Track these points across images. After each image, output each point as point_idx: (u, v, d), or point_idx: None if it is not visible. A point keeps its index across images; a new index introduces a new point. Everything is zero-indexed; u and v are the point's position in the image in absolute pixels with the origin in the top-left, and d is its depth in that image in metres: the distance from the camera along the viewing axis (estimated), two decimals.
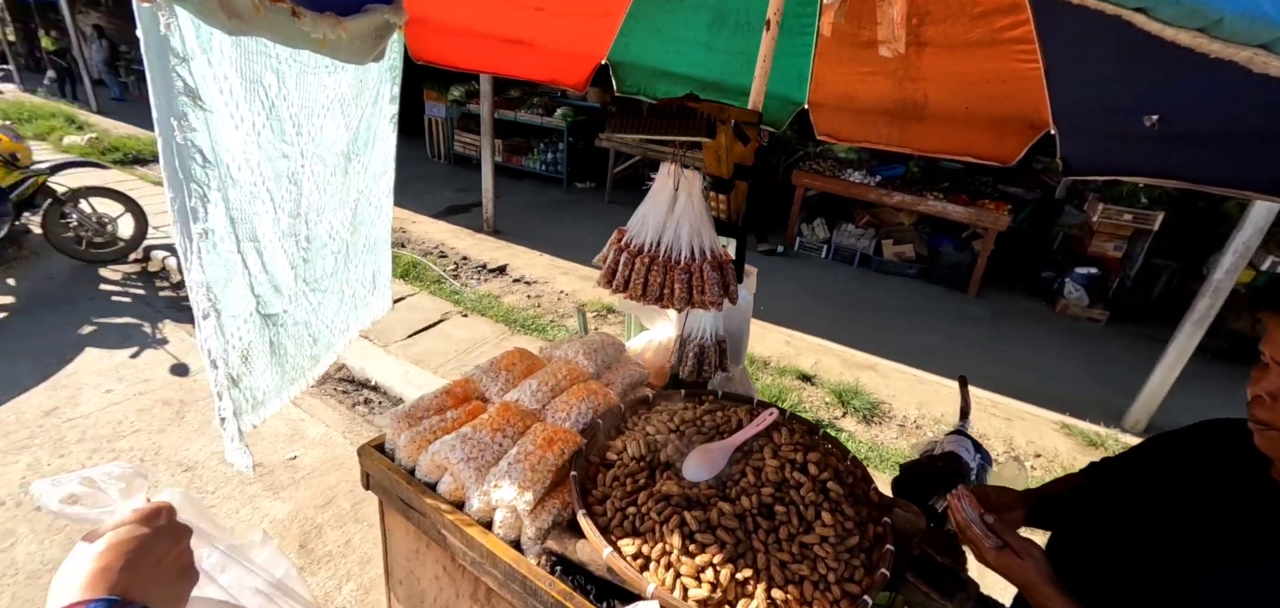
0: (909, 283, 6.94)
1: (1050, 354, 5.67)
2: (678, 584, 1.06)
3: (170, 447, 3.34)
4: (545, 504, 1.23)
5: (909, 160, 7.19)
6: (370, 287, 2.24)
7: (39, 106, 11.21)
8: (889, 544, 1.22)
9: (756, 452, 1.31)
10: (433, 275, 5.43)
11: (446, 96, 9.39)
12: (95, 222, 5.05)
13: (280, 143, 1.58)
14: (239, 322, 1.55)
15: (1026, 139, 2.23)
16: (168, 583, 0.63)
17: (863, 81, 2.46)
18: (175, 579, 0.64)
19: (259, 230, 1.58)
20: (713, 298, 1.33)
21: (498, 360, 1.65)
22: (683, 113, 1.17)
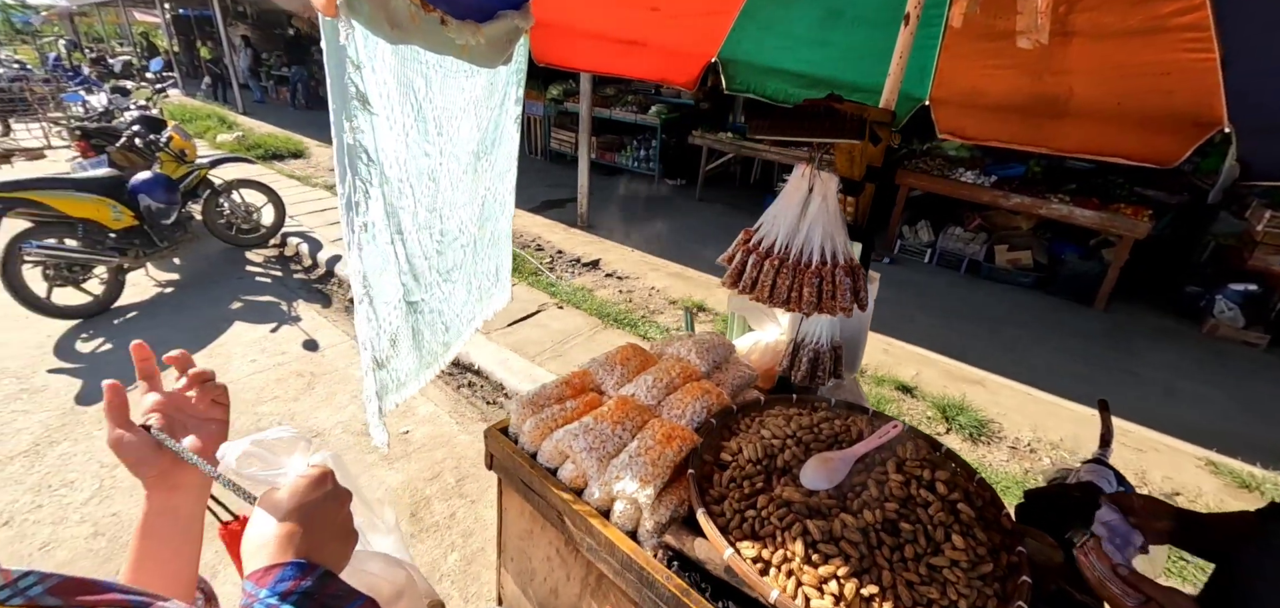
0: (1023, 293, 6.39)
1: (1194, 380, 5.04)
2: (800, 593, 1.05)
3: (302, 414, 3.70)
4: (663, 499, 1.26)
5: (1030, 159, 6.62)
6: (494, 279, 2.36)
7: (197, 108, 12.78)
8: (1025, 577, 1.14)
9: (879, 465, 1.26)
10: (530, 268, 5.66)
11: (545, 95, 9.74)
12: (243, 210, 5.68)
13: (423, 142, 1.70)
14: (390, 308, 1.68)
15: (1192, 138, 1.99)
16: (340, 544, 0.67)
17: (993, 76, 2.30)
18: (344, 540, 0.68)
19: (404, 225, 1.71)
20: (844, 303, 1.30)
21: (613, 354, 1.69)
22: (830, 114, 1.15)
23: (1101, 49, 2.00)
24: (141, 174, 4.70)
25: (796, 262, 1.31)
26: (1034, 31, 2.05)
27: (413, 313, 1.89)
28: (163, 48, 18.98)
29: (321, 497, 0.66)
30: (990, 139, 2.46)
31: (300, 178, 8.29)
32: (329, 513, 0.66)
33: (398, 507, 3.14)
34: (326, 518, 0.65)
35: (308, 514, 0.64)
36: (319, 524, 0.64)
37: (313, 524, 0.63)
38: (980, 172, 6.55)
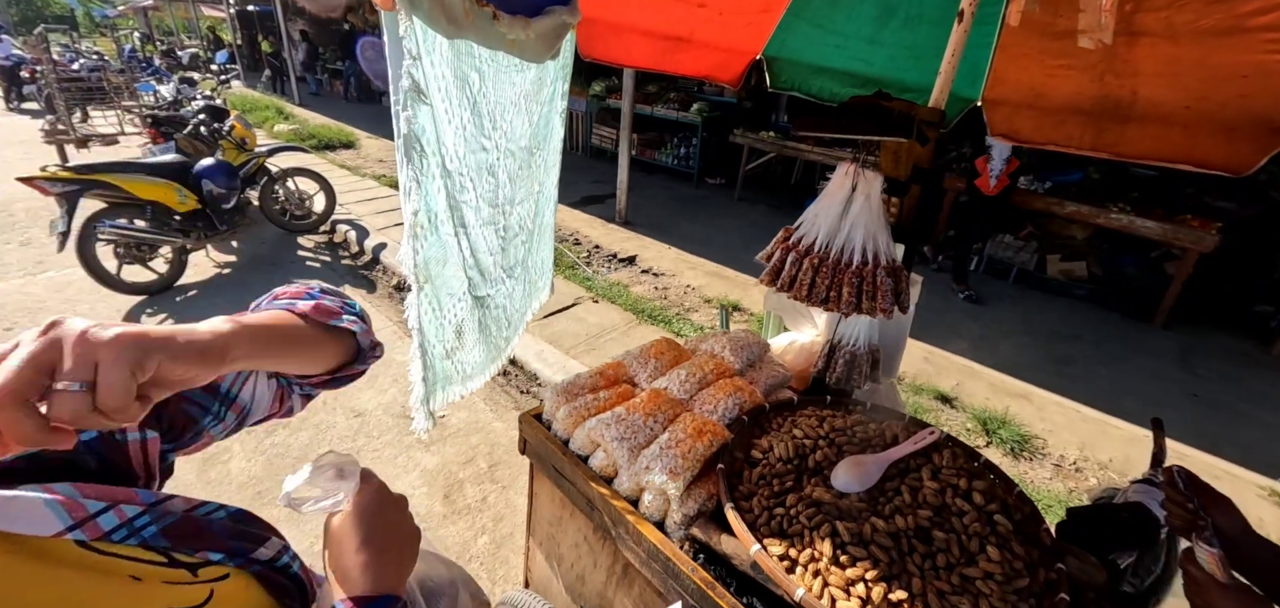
0: (1076, 305, 6.12)
1: (1262, 405, 4.74)
2: (826, 593, 1.04)
3: (346, 395, 3.84)
4: (692, 492, 1.26)
5: (1089, 165, 6.33)
6: (541, 272, 2.39)
7: (257, 99, 13.38)
8: (1064, 595, 1.10)
9: (913, 471, 1.24)
10: (568, 262, 5.72)
11: (587, 91, 9.81)
12: (297, 197, 5.92)
13: (480, 137, 1.74)
14: (455, 299, 1.72)
15: (1268, 146, 1.87)
16: (410, 547, 0.71)
17: (1052, 76, 2.21)
18: (412, 542, 0.72)
19: (467, 218, 1.75)
20: (885, 305, 1.28)
21: (647, 348, 1.71)
22: (878, 111, 1.13)
23: (1172, 49, 1.90)
24: (205, 160, 4.95)
25: (837, 261, 1.29)
26: (1097, 30, 1.96)
27: (480, 307, 1.93)
28: (227, 41, 19.93)
29: (386, 511, 0.70)
30: (1047, 142, 2.37)
31: (350, 168, 8.59)
32: (395, 524, 0.70)
33: (432, 488, 3.23)
34: (394, 529, 0.69)
35: (381, 533, 0.67)
36: (392, 539, 0.68)
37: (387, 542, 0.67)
38: (1033, 178, 6.29)
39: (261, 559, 0.61)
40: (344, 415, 3.67)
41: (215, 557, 0.56)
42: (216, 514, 0.60)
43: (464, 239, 1.75)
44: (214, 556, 0.56)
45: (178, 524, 0.55)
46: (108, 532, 0.50)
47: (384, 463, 3.39)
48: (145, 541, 0.52)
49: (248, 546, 0.60)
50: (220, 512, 0.60)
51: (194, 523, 0.56)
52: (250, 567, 0.59)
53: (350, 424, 3.62)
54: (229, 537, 0.59)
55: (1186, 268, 5.51)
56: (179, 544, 0.54)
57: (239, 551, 0.59)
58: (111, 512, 0.50)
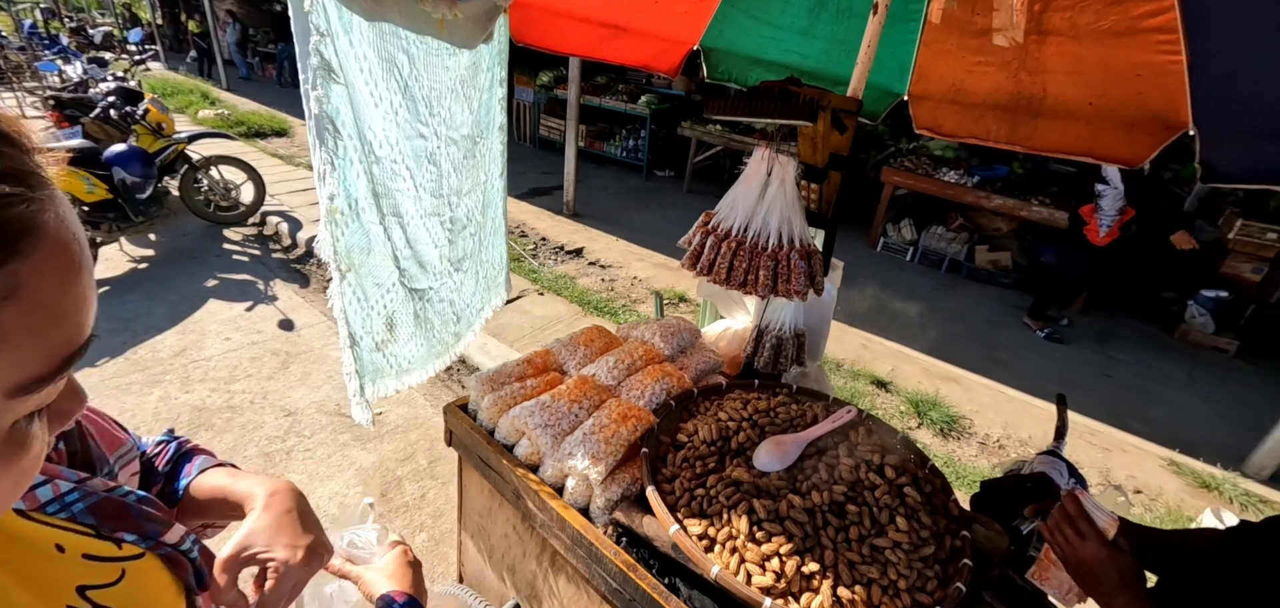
0: (1003, 293, 6.47)
1: (1164, 383, 5.14)
2: (742, 569, 1.06)
3: (276, 393, 3.66)
4: (616, 477, 1.26)
5: (1013, 161, 6.68)
6: (498, 268, 2.33)
7: (180, 83, 12.55)
8: (967, 560, 1.16)
9: (831, 449, 1.27)
10: (513, 254, 5.63)
11: (535, 81, 9.65)
12: (222, 187, 5.60)
13: (416, 122, 1.67)
14: (382, 290, 1.66)
15: (1159, 140, 2.02)
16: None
17: (972, 73, 2.31)
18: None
19: (402, 207, 1.68)
20: (799, 287, 1.31)
21: (577, 336, 1.69)
22: (784, 95, 1.15)
23: (1077, 48, 2.01)
24: (116, 147, 4.61)
25: (753, 244, 1.32)
26: (1010, 29, 2.06)
27: (418, 300, 1.86)
28: (145, 19, 18.59)
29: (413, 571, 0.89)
30: (967, 136, 2.48)
31: (282, 156, 8.18)
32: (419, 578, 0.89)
33: (368, 486, 3.13)
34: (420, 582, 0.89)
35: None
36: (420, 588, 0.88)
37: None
38: (964, 172, 6.60)
39: (169, 543, 0.63)
40: (273, 415, 3.50)
41: (130, 538, 0.59)
42: (129, 498, 0.62)
43: (398, 229, 1.69)
44: (129, 537, 0.59)
45: (101, 504, 0.58)
46: (43, 503, 0.54)
47: (317, 463, 3.25)
48: (74, 515, 0.56)
49: (159, 529, 0.63)
50: (132, 495, 0.63)
51: (115, 503, 0.60)
52: (159, 549, 0.62)
53: (280, 424, 3.45)
54: (143, 520, 0.61)
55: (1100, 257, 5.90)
56: (103, 523, 0.58)
57: (153, 534, 0.61)
58: (47, 485, 0.55)
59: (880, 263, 7.01)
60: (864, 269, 6.69)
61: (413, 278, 1.71)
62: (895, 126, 7.16)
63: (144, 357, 3.81)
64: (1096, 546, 1.02)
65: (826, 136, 1.39)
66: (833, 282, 1.68)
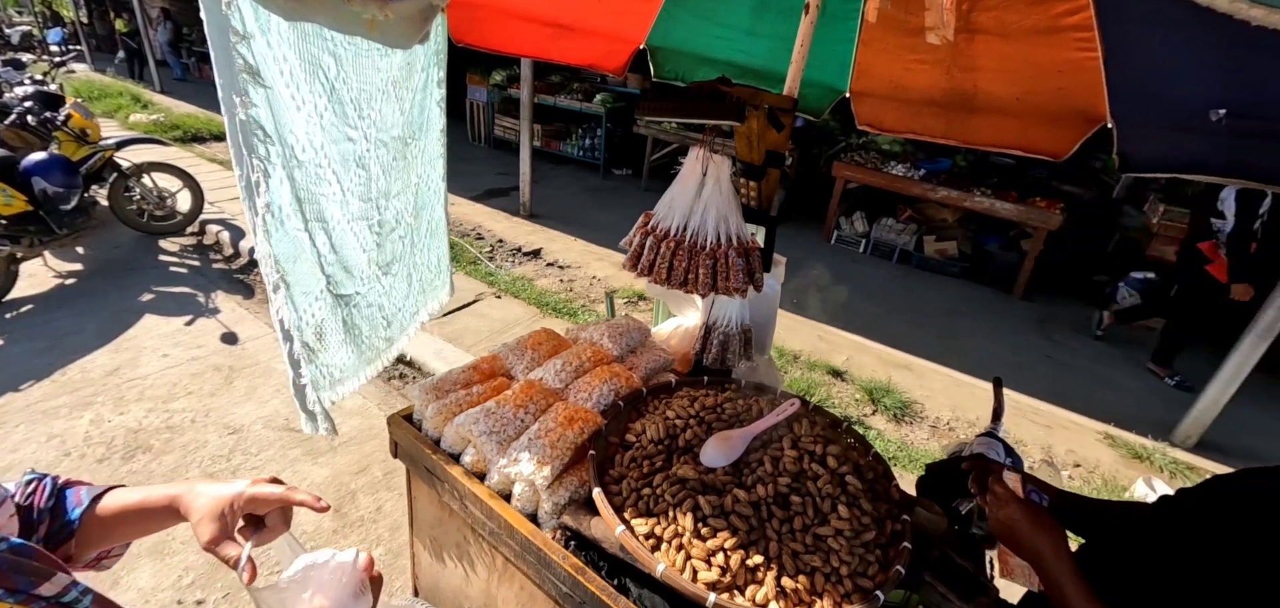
0: (951, 282, 6.72)
1: (1101, 362, 5.43)
2: (688, 566, 1.07)
3: (219, 410, 3.51)
4: (563, 481, 1.25)
5: (956, 154, 6.94)
6: (436, 270, 2.28)
7: (108, 85, 11.85)
8: (906, 543, 1.20)
9: (776, 442, 1.30)
10: (469, 257, 5.54)
11: (488, 81, 9.50)
12: (156, 196, 5.32)
13: (344, 126, 1.62)
14: (310, 298, 1.61)
15: (1081, 133, 2.13)
16: None
17: (909, 70, 2.39)
18: None
19: (327, 212, 1.63)
20: (738, 285, 1.32)
21: (524, 339, 1.68)
22: (714, 96, 1.16)
23: (1004, 46, 2.10)
24: (36, 155, 4.33)
25: (692, 243, 1.33)
26: (941, 28, 2.13)
27: (344, 306, 1.81)
28: (68, 17, 17.50)
29: None
30: (907, 132, 2.56)
31: (222, 162, 7.83)
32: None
33: None
34: None
35: None
36: None
37: None
38: (911, 165, 6.81)
39: (45, 595, 0.60)
40: (217, 433, 3.36)
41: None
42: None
43: (322, 235, 1.64)
44: None
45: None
46: None
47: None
48: None
49: (32, 581, 0.59)
50: (2, 544, 0.60)
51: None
52: (33, 603, 0.59)
53: (224, 443, 3.31)
54: (11, 571, 0.58)
55: (1037, 245, 6.20)
56: None
57: (22, 587, 0.58)
58: None
59: (834, 255, 7.18)
60: (819, 262, 6.84)
61: (338, 284, 1.67)
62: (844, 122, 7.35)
63: (73, 378, 3.59)
64: (1014, 506, 1.08)
65: (762, 135, 1.41)
66: (776, 277, 1.71)
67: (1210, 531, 1.02)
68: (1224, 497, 1.06)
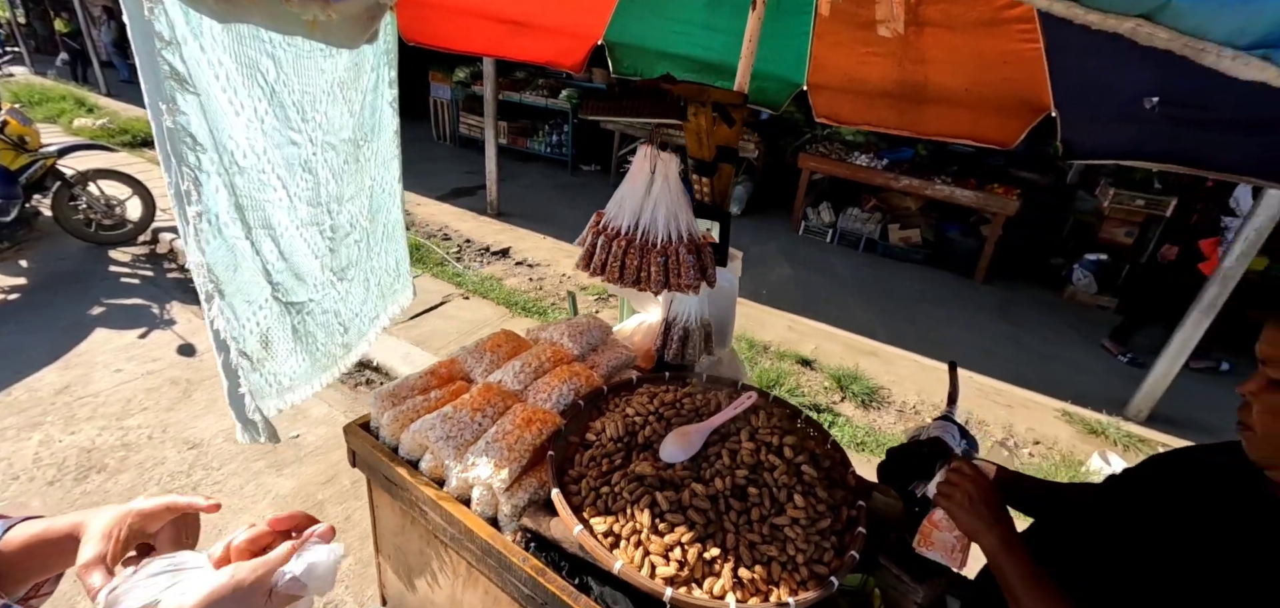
0: (915, 268, 6.87)
1: (1058, 342, 5.62)
2: (646, 562, 1.08)
3: (177, 425, 3.40)
4: (522, 483, 1.25)
5: (917, 144, 7.08)
6: (394, 274, 2.25)
7: (50, 89, 11.31)
8: (862, 528, 1.23)
9: (733, 435, 1.31)
10: (436, 258, 5.46)
11: (451, 78, 9.35)
12: (104, 204, 5.12)
13: (287, 130, 1.58)
14: (254, 307, 1.57)
15: (1027, 122, 2.19)
16: None
17: (863, 63, 2.42)
18: None
19: (273, 219, 1.59)
20: (689, 280, 1.33)
21: (483, 342, 1.66)
22: (654, 94, 1.16)
23: (952, 38, 2.15)
24: None
25: (644, 241, 1.34)
26: (891, 21, 2.18)
27: (295, 314, 1.78)
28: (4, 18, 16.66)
29: None
30: (863, 123, 2.61)
31: None
32: None
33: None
34: None
35: None
36: None
37: None
38: (874, 156, 6.94)
39: None
40: (175, 449, 3.25)
41: None
42: None
43: (269, 242, 1.61)
44: None
45: None
46: None
47: (227, 496, 3.05)
48: None
49: None
50: None
51: None
52: None
53: (184, 458, 3.21)
54: None
55: (996, 230, 6.38)
56: None
57: None
58: None
59: (803, 246, 7.27)
60: (788, 252, 6.93)
61: (288, 291, 1.63)
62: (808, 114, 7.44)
63: (20, 398, 3.44)
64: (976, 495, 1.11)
65: (710, 130, 1.43)
66: (733, 271, 1.73)
67: (1148, 506, 1.07)
68: (1161, 473, 1.11)
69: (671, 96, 1.15)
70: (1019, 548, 1.06)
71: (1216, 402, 4.85)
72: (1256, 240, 3.99)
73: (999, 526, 1.08)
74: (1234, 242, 4.06)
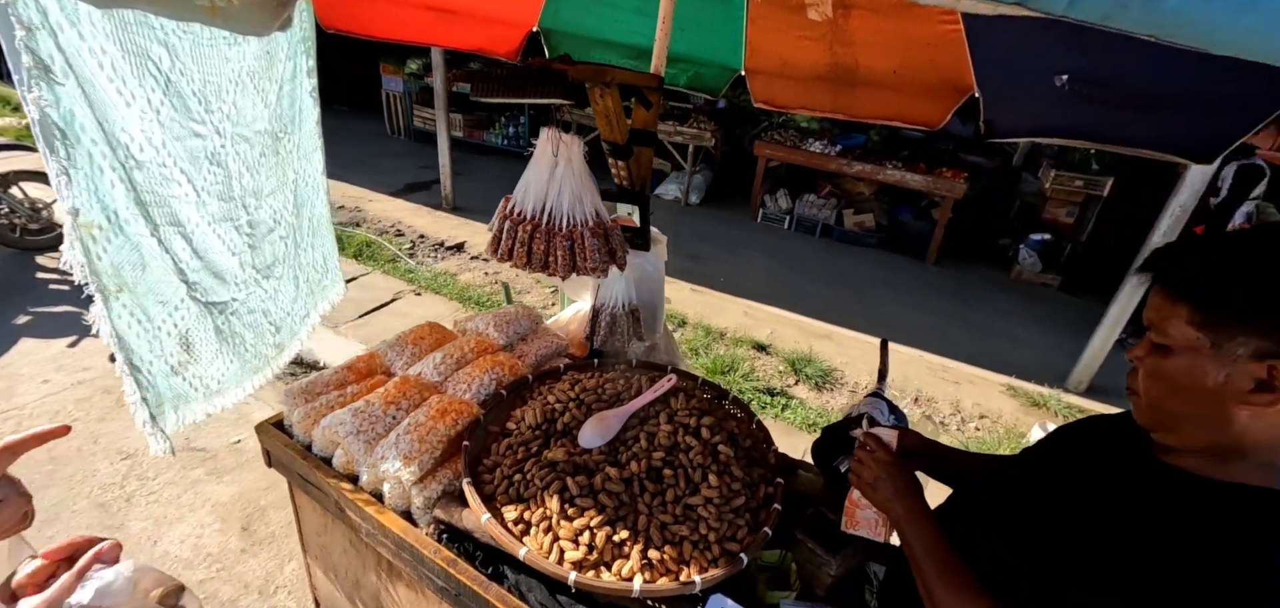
0: (870, 252, 7.01)
1: (1005, 319, 5.80)
2: (555, 547, 1.07)
3: (110, 436, 3.26)
4: (436, 474, 1.23)
5: (869, 129, 7.21)
6: (323, 270, 2.19)
7: None
8: (777, 504, 1.25)
9: (653, 418, 1.32)
10: (387, 254, 5.35)
11: (403, 70, 9.10)
12: (28, 208, 4.85)
13: (187, 121, 1.52)
14: (169, 308, 1.51)
15: (953, 102, 2.24)
16: None
17: (797, 47, 2.44)
18: None
19: (181, 215, 1.53)
20: (594, 264, 1.33)
21: (405, 335, 1.63)
22: (542, 75, 1.14)
23: (877, 21, 2.18)
24: None
25: (549, 226, 1.32)
26: (820, 4, 2.20)
27: (218, 314, 1.72)
28: None
29: None
30: (800, 107, 2.64)
31: None
32: None
33: (226, 523, 2.87)
34: None
35: None
36: None
37: None
38: (828, 142, 7.04)
39: None
40: (108, 461, 3.12)
41: None
42: None
43: (179, 239, 1.54)
44: None
45: None
46: None
47: (164, 506, 2.94)
48: None
49: None
50: None
51: None
52: None
53: (116, 469, 3.08)
54: None
55: (945, 213, 6.55)
56: None
57: None
58: None
59: (761, 232, 7.34)
60: (747, 240, 6.99)
61: (207, 291, 1.58)
62: None
63: None
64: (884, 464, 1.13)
65: (618, 113, 1.42)
66: (658, 256, 1.73)
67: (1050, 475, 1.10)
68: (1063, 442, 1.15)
69: (555, 76, 1.13)
70: (921, 516, 1.08)
71: None
72: (1182, 216, 4.19)
73: (902, 496, 1.10)
74: (1161, 218, 4.26)
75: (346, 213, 6.37)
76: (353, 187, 7.10)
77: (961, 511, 1.28)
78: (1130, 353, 0.94)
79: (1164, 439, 0.90)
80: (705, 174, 8.00)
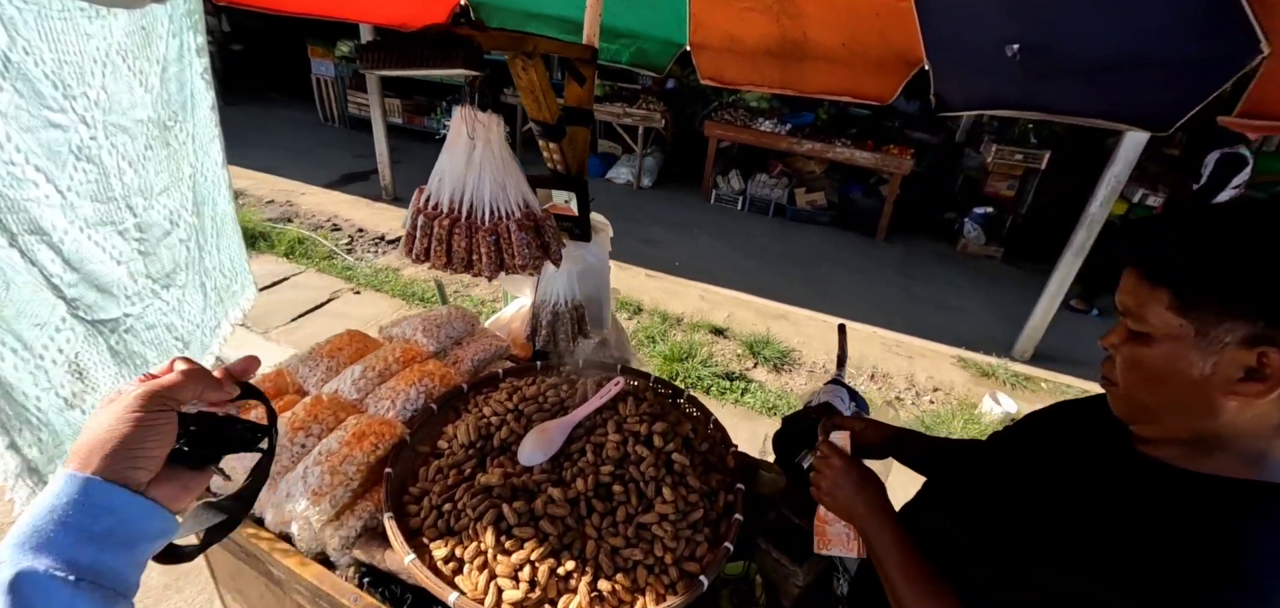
0: (822, 230, 7.06)
1: (953, 292, 5.93)
2: (492, 586, 0.94)
3: None
4: (354, 509, 1.08)
5: (818, 107, 7.23)
6: (231, 274, 1.97)
7: None
8: (738, 514, 1.15)
9: (599, 427, 1.20)
10: (323, 251, 5.02)
11: (334, 53, 8.54)
12: None
13: (41, 109, 1.29)
14: (48, 330, 1.29)
15: (903, 76, 2.18)
16: None
17: (743, 20, 2.33)
18: None
19: (44, 221, 1.30)
20: (524, 261, 1.19)
21: (321, 346, 1.45)
22: (441, 41, 0.99)
23: None
24: None
25: (470, 220, 1.18)
26: None
27: (110, 332, 1.49)
28: None
29: None
30: (747, 83, 2.53)
31: None
32: None
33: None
34: None
35: None
36: None
37: None
38: (778, 121, 7.01)
39: None
40: None
41: None
42: None
43: (45, 250, 1.32)
44: None
45: None
46: None
47: None
48: None
49: None
50: None
51: None
52: None
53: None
54: None
55: (893, 189, 6.64)
56: None
57: None
58: None
59: (714, 214, 7.29)
60: (700, 222, 6.92)
61: (92, 307, 1.36)
62: None
63: None
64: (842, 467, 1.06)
65: (545, 88, 1.28)
66: (602, 245, 1.60)
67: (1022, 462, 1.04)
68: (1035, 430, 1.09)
69: (457, 44, 0.97)
70: (881, 511, 1.02)
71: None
72: (1116, 187, 4.33)
73: (861, 493, 1.03)
74: (1099, 188, 4.39)
75: (277, 208, 5.97)
76: (284, 179, 6.66)
77: (933, 499, 1.22)
78: (1103, 340, 0.88)
79: (1142, 431, 0.85)
80: (657, 156, 7.87)
